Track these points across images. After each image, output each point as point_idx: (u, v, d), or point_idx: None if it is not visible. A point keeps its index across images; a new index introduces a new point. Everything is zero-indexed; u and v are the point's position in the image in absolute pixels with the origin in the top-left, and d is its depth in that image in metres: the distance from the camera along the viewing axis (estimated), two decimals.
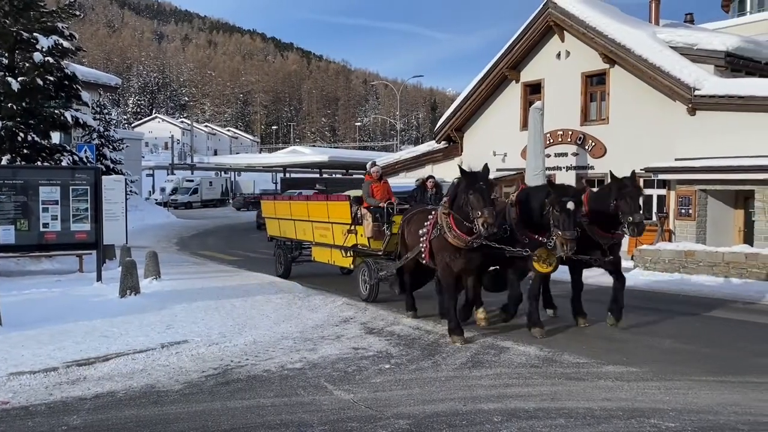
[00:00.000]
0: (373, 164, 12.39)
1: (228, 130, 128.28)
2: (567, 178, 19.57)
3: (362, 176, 14.79)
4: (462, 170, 7.70)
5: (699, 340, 8.08)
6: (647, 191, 16.18)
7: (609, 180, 8.62)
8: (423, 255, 8.50)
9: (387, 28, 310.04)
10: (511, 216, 8.18)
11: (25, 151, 15.61)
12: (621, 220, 8.09)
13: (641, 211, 8.17)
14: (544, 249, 7.85)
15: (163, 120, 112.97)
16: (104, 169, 22.29)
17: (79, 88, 17.13)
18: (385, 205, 10.63)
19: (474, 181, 7.48)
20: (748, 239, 15.96)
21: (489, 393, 5.88)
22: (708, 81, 16.38)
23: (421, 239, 8.46)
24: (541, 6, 19.97)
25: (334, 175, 65.35)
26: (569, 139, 19.72)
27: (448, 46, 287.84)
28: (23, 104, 15.53)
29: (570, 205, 7.49)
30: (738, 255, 13.57)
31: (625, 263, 10.16)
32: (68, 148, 17.40)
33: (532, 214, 7.93)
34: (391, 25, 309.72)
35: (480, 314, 8.60)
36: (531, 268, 8.03)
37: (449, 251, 7.92)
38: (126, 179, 18.80)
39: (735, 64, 17.15)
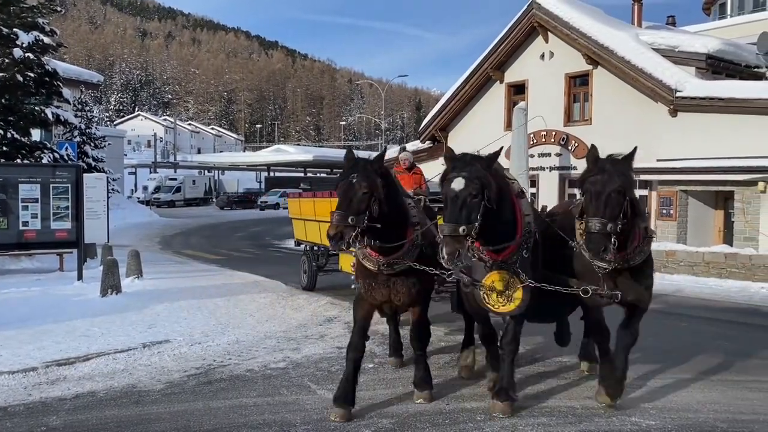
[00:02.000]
0: (403, 149, 10.03)
1: (212, 129, 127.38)
2: (550, 179, 19.78)
3: None
4: (346, 154, 5.05)
5: (679, 339, 8.17)
6: None
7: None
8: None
9: (372, 27, 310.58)
10: None
11: (4, 148, 15.44)
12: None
13: (612, 218, 4.66)
14: (499, 271, 4.97)
15: (146, 118, 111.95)
16: (86, 166, 22.08)
17: (60, 84, 16.96)
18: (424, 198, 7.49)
19: (346, 171, 4.87)
20: (728, 239, 16.18)
21: (472, 392, 5.91)
22: (689, 83, 16.55)
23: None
24: (525, 6, 20.05)
25: (318, 175, 65.36)
26: (552, 140, 19.82)
27: (433, 46, 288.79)
28: (2, 101, 15.36)
29: (456, 184, 4.48)
30: (718, 255, 13.82)
31: None
32: (49, 145, 17.22)
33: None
34: (377, 24, 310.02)
35: (467, 360, 6.44)
36: (480, 300, 5.15)
37: (363, 276, 5.44)
38: (108, 177, 18.60)
39: (716, 66, 17.38)
